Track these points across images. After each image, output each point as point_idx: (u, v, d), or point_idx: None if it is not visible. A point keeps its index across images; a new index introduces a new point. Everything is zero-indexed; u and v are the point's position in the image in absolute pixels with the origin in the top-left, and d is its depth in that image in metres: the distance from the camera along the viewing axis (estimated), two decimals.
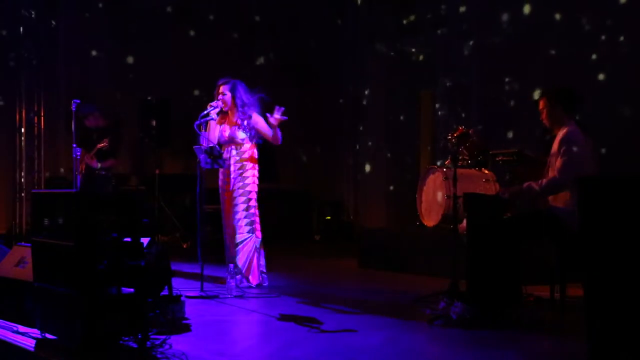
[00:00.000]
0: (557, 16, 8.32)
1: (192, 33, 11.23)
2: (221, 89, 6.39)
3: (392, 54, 11.03)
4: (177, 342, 4.13)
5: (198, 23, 11.34)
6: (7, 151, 10.30)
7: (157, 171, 9.72)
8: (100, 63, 10.90)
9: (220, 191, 6.46)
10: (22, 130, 10.26)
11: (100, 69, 10.90)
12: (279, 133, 6.34)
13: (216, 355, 3.99)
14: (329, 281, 7.10)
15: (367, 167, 11.42)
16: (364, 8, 11.38)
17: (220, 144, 6.38)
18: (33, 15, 10.33)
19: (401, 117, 11.13)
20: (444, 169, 7.23)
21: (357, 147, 11.63)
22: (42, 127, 10.36)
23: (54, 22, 10.60)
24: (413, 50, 10.71)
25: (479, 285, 4.99)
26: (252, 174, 6.39)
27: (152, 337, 4.07)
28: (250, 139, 6.36)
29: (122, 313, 4.01)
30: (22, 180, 10.26)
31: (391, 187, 11.05)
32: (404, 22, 10.65)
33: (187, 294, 5.47)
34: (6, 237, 9.07)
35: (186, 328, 4.56)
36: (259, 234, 6.41)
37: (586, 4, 8.11)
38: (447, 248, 6.37)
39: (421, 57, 10.43)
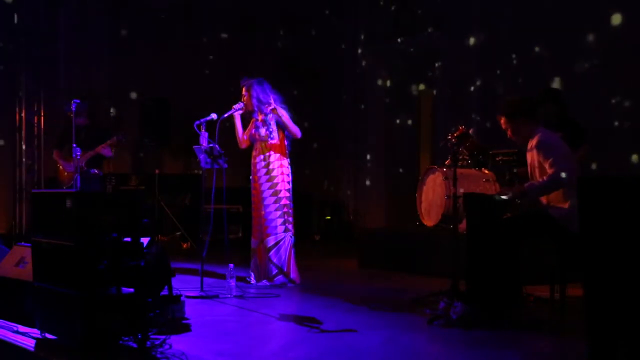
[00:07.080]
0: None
1: (192, 33, 11.21)
2: (243, 90, 6.56)
3: (391, 53, 11.03)
4: (177, 342, 4.13)
5: (198, 22, 11.34)
6: (7, 151, 10.29)
7: (157, 171, 9.72)
8: (100, 63, 10.89)
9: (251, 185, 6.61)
10: (22, 130, 10.25)
11: (100, 68, 10.88)
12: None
13: (216, 355, 3.99)
14: (329, 281, 7.09)
15: (367, 168, 11.41)
16: (364, 7, 11.37)
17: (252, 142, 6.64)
18: (33, 15, 10.32)
19: (401, 117, 11.14)
20: (444, 169, 7.22)
21: (357, 147, 11.62)
22: (42, 127, 10.35)
23: (54, 22, 10.59)
24: (412, 50, 10.70)
25: (479, 285, 4.99)
26: (280, 172, 6.47)
27: (152, 337, 4.07)
28: (271, 134, 6.45)
29: (122, 313, 4.02)
30: (22, 180, 10.25)
31: (391, 187, 11.05)
32: (404, 21, 10.64)
33: (187, 294, 5.47)
34: (6, 237, 9.07)
35: (186, 328, 4.56)
36: (292, 233, 6.50)
37: None
38: (447, 248, 6.38)
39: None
